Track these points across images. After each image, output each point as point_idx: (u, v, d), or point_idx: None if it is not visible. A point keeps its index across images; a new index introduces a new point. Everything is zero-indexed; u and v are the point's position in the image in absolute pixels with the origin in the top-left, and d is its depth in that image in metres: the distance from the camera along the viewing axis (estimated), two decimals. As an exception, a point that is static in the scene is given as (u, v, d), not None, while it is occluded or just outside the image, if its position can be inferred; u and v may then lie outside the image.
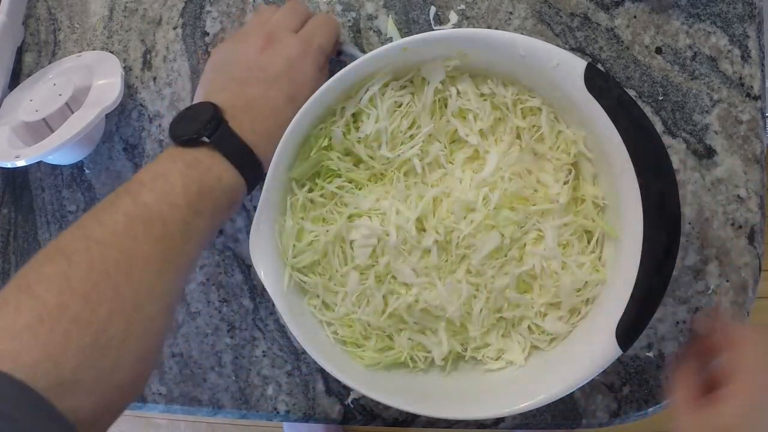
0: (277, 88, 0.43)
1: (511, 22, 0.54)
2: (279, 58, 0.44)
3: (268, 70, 0.44)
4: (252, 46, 0.45)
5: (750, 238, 0.51)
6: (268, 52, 0.44)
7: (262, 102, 0.43)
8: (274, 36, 0.45)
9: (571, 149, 0.46)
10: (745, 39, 0.52)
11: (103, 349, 0.33)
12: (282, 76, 0.44)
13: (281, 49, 0.44)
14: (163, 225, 0.37)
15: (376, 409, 0.53)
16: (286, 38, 0.45)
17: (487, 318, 0.46)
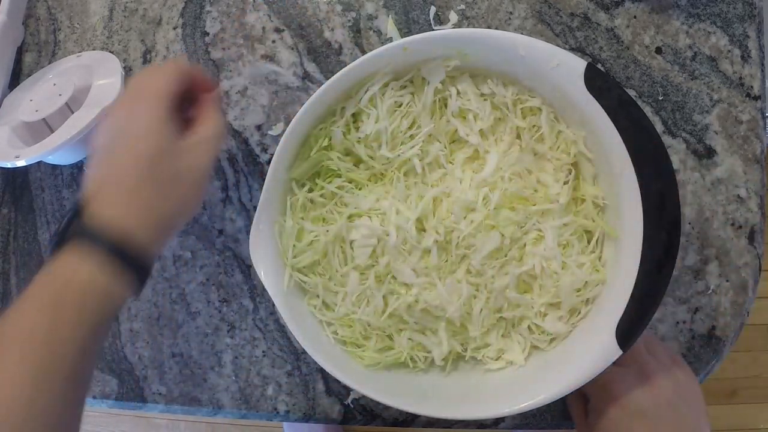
0: (117, 152, 0.39)
1: (511, 22, 0.54)
2: (112, 127, 0.40)
3: (108, 144, 0.40)
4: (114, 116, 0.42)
5: (750, 238, 0.51)
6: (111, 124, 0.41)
7: (108, 174, 0.39)
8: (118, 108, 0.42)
9: (571, 149, 0.46)
10: (745, 39, 0.52)
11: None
12: (118, 144, 0.39)
13: (115, 115, 0.41)
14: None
15: (376, 409, 0.53)
16: (119, 104, 0.43)
17: (487, 318, 0.46)
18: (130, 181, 0.37)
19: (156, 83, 0.40)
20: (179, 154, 0.39)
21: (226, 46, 0.56)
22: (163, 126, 0.39)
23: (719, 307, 0.51)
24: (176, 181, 0.39)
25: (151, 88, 0.40)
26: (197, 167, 0.40)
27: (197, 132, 0.41)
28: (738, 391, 1.30)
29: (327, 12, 0.55)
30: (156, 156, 0.38)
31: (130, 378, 0.56)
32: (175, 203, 0.39)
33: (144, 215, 0.38)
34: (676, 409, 0.44)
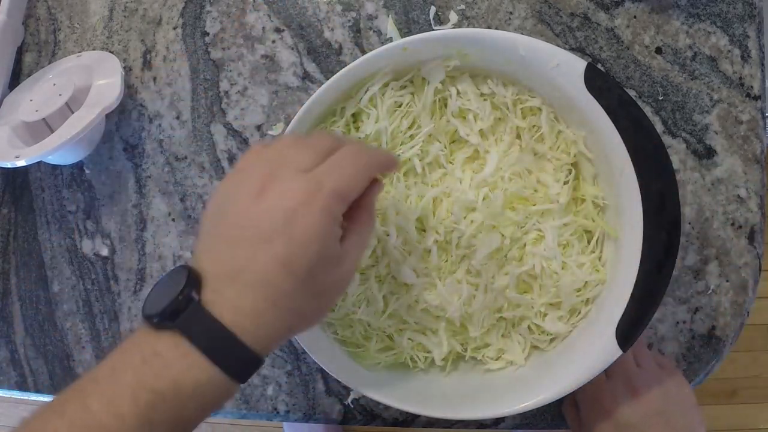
0: (268, 251, 0.32)
1: (511, 22, 0.54)
2: (275, 209, 0.32)
3: (260, 225, 0.32)
4: (245, 191, 0.34)
5: (750, 238, 0.51)
6: (264, 199, 0.33)
7: (248, 270, 0.32)
8: (272, 177, 0.33)
9: (571, 149, 0.46)
10: (745, 39, 0.52)
11: None
12: (277, 233, 0.32)
13: (280, 195, 0.33)
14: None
15: (376, 409, 0.53)
16: (287, 180, 0.33)
17: (487, 318, 0.46)
18: (280, 287, 0.32)
19: (340, 181, 0.33)
20: (336, 264, 0.34)
21: (226, 46, 0.56)
22: (334, 230, 0.33)
23: (719, 307, 0.51)
24: (324, 296, 0.34)
25: (337, 189, 0.33)
26: (345, 280, 0.35)
27: (352, 237, 0.35)
28: (738, 391, 1.30)
29: (327, 12, 0.55)
30: (317, 267, 0.32)
31: (130, 378, 0.56)
32: (313, 318, 0.35)
33: (278, 331, 0.32)
34: (667, 417, 0.44)
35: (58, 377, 0.56)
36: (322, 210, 0.32)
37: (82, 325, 0.56)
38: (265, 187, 0.33)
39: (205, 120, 0.56)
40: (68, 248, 0.57)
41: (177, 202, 0.56)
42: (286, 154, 0.35)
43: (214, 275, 0.32)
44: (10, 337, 0.57)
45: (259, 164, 0.35)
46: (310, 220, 0.32)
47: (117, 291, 0.56)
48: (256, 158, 0.36)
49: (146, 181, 0.56)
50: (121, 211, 0.56)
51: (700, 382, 0.52)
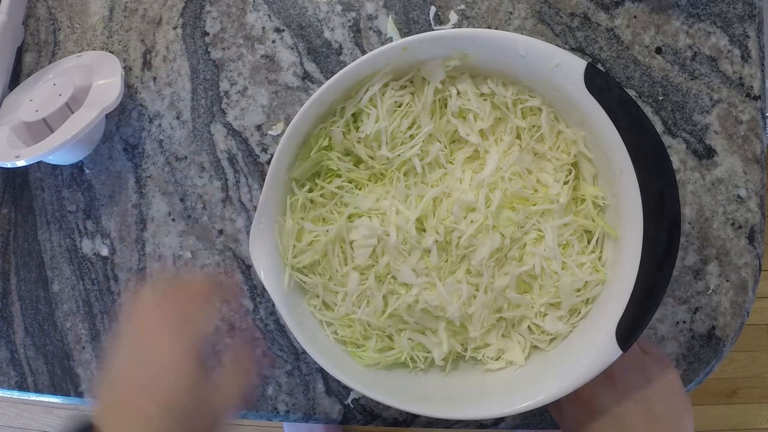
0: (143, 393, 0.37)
1: (511, 22, 0.54)
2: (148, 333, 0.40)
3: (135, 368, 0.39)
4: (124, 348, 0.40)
5: (750, 238, 0.51)
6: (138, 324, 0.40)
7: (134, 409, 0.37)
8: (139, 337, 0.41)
9: (571, 149, 0.46)
10: (745, 39, 0.52)
11: None
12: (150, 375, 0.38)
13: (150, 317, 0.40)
14: None
15: (376, 409, 0.53)
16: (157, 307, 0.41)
17: (487, 318, 0.46)
18: (148, 419, 0.35)
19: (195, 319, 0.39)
20: (206, 394, 0.38)
21: (226, 46, 0.56)
22: (194, 364, 0.37)
23: (719, 307, 0.51)
24: (197, 423, 0.37)
25: (190, 320, 0.39)
26: (220, 410, 0.39)
27: (227, 373, 0.40)
28: (738, 391, 1.30)
29: (327, 12, 0.55)
30: (179, 396, 0.36)
31: (130, 378, 0.56)
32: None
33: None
34: (646, 401, 0.43)
35: (58, 377, 0.56)
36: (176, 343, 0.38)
37: (82, 325, 0.56)
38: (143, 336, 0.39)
39: (205, 120, 0.56)
40: (68, 248, 0.57)
41: (177, 202, 0.56)
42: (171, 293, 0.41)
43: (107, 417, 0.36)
44: (10, 337, 0.57)
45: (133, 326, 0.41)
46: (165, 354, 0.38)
47: (117, 291, 0.56)
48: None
49: (146, 181, 0.56)
50: (121, 211, 0.56)
51: (700, 382, 0.52)
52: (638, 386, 0.43)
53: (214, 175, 0.55)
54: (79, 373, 0.56)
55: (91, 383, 0.56)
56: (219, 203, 0.55)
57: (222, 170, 0.55)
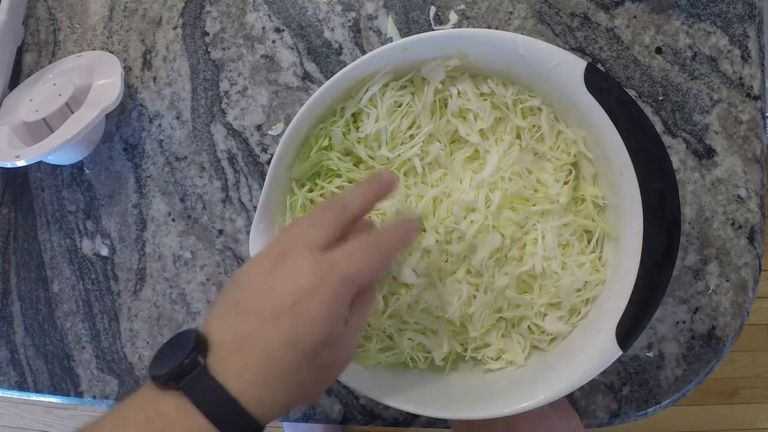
0: (275, 326, 0.33)
1: (511, 22, 0.54)
2: (286, 285, 0.34)
3: (271, 299, 0.34)
4: (261, 265, 0.35)
5: (750, 238, 0.51)
6: (276, 275, 0.34)
7: (255, 341, 0.33)
8: (286, 254, 0.35)
9: (571, 149, 0.46)
10: (745, 39, 0.52)
11: None
12: (285, 310, 0.33)
13: (291, 272, 0.34)
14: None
15: (376, 409, 0.53)
16: (300, 258, 0.34)
17: (487, 318, 0.46)
18: (285, 362, 0.33)
19: (352, 266, 0.34)
20: (340, 343, 0.35)
21: (226, 46, 0.56)
22: (341, 313, 0.34)
23: (719, 307, 0.51)
24: (326, 372, 0.35)
25: (348, 274, 0.34)
26: (347, 358, 0.36)
27: (354, 318, 0.36)
28: (738, 391, 1.30)
29: (327, 12, 0.55)
30: (321, 345, 0.33)
31: (130, 378, 0.56)
32: (314, 392, 0.36)
33: (279, 401, 0.33)
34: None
35: (58, 377, 0.56)
36: (331, 294, 0.33)
37: (82, 325, 0.56)
38: (279, 263, 0.34)
39: (205, 120, 0.56)
40: (68, 248, 0.57)
41: (177, 202, 0.56)
42: (303, 232, 0.36)
43: (220, 342, 0.33)
44: (10, 337, 0.57)
45: (279, 241, 0.36)
46: (318, 302, 0.33)
47: (117, 291, 0.56)
48: (280, 236, 0.37)
49: (146, 181, 0.56)
50: (121, 211, 0.56)
51: (700, 382, 0.52)
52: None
53: (214, 175, 0.55)
54: (79, 373, 0.56)
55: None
56: (219, 203, 0.55)
57: (222, 170, 0.55)
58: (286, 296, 0.33)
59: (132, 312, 0.56)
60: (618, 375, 0.52)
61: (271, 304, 0.33)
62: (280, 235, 0.38)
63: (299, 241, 0.35)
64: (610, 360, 0.41)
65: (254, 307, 0.34)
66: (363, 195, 0.38)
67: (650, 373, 0.52)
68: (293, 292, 0.33)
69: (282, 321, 0.33)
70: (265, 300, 0.34)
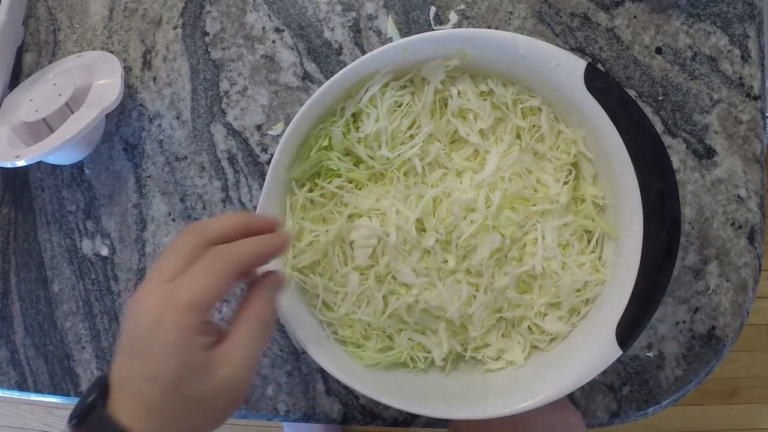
0: (136, 363, 0.34)
1: (511, 22, 0.54)
2: (141, 321, 0.34)
3: (132, 337, 0.34)
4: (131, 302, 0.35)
5: (750, 238, 0.51)
6: (136, 311, 0.34)
7: (127, 381, 0.34)
8: (142, 289, 0.35)
9: (571, 149, 0.46)
10: (745, 39, 0.52)
11: None
12: (142, 347, 0.33)
13: (143, 308, 0.34)
14: None
15: (376, 409, 0.53)
16: (149, 292, 0.34)
17: (487, 318, 0.46)
18: (151, 398, 0.33)
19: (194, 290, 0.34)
20: (206, 372, 0.34)
21: (226, 46, 0.56)
22: (192, 341, 0.33)
23: (719, 307, 0.51)
24: (205, 402, 0.34)
25: (191, 300, 0.33)
26: (227, 385, 0.34)
27: (234, 342, 0.35)
28: (738, 391, 1.30)
29: (327, 12, 0.55)
30: (180, 377, 0.33)
31: (130, 378, 0.56)
32: (202, 420, 0.35)
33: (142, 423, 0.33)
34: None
35: (58, 377, 0.56)
36: (174, 324, 0.33)
37: (82, 325, 0.56)
38: (137, 298, 0.35)
39: (205, 120, 0.56)
40: (68, 248, 0.57)
41: (177, 202, 0.56)
42: (158, 263, 0.35)
43: (112, 382, 0.34)
44: (10, 337, 0.57)
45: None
46: (164, 334, 0.33)
47: (117, 291, 0.56)
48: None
49: (146, 181, 0.56)
50: (121, 211, 0.56)
51: (700, 382, 0.52)
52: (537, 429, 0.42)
53: (214, 175, 0.55)
54: (79, 373, 0.56)
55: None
56: (219, 203, 0.55)
57: (222, 170, 0.55)
58: (142, 333, 0.33)
59: (132, 312, 0.56)
60: (618, 375, 0.52)
61: (131, 342, 0.34)
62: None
63: (152, 274, 0.35)
64: (610, 360, 0.41)
65: (123, 347, 0.35)
66: (229, 224, 0.37)
67: (650, 373, 0.52)
68: (146, 327, 0.33)
69: (139, 357, 0.33)
70: (128, 338, 0.34)
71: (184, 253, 0.35)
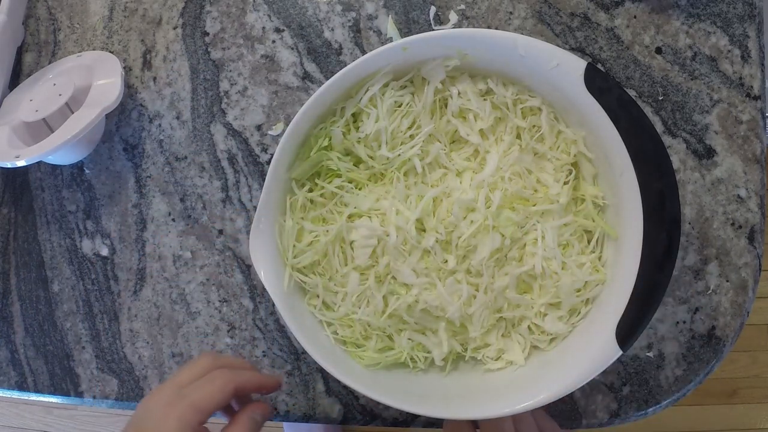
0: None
1: (511, 22, 0.54)
2: (151, 415, 0.40)
3: (141, 417, 0.41)
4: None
5: (750, 238, 0.51)
6: (148, 405, 0.41)
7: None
8: (158, 389, 0.42)
9: (571, 149, 0.46)
10: (745, 39, 0.52)
11: None
12: (145, 422, 0.40)
13: (157, 403, 0.41)
14: None
15: (376, 409, 0.53)
16: (163, 392, 0.41)
17: (487, 318, 0.46)
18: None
19: (200, 394, 0.40)
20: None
21: (226, 46, 0.56)
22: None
23: (719, 307, 0.51)
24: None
25: (195, 401, 0.40)
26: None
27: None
28: (738, 391, 1.30)
29: (327, 12, 0.55)
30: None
31: (130, 378, 0.56)
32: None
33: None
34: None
35: (58, 377, 0.56)
36: (177, 418, 0.39)
37: (82, 325, 0.56)
38: (152, 395, 0.41)
39: (205, 120, 0.56)
40: (68, 248, 0.57)
41: (177, 202, 0.56)
42: (177, 373, 0.43)
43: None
44: (10, 337, 0.57)
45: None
46: (169, 423, 0.39)
47: (117, 291, 0.56)
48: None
49: (146, 181, 0.56)
50: (121, 211, 0.56)
51: (700, 382, 0.52)
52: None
53: (214, 175, 0.55)
54: (79, 373, 0.56)
55: (90, 383, 0.56)
56: (219, 203, 0.55)
57: (222, 170, 0.55)
58: (150, 417, 0.40)
59: (132, 312, 0.56)
60: (618, 375, 0.52)
61: (137, 424, 0.40)
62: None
63: (171, 379, 0.43)
64: (610, 360, 0.41)
65: (131, 427, 0.41)
66: (240, 363, 0.46)
67: (650, 373, 0.52)
68: (155, 414, 0.40)
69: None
70: (137, 420, 0.41)
71: (200, 368, 0.43)
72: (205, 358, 0.44)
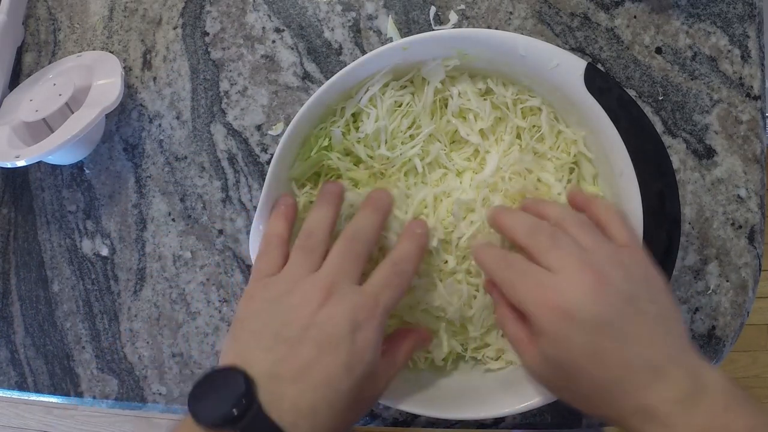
0: (334, 354, 0.35)
1: (511, 22, 0.54)
2: (340, 318, 0.36)
3: (326, 330, 0.36)
4: (307, 298, 0.37)
5: (750, 238, 0.51)
6: (329, 307, 0.36)
7: (313, 370, 0.35)
8: (334, 288, 0.37)
9: (571, 149, 0.46)
10: (745, 39, 0.52)
11: None
12: (342, 340, 0.35)
13: (344, 306, 0.36)
14: None
15: (376, 409, 0.53)
16: (350, 293, 0.37)
17: (487, 318, 0.46)
18: (339, 391, 0.35)
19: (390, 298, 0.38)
20: (378, 374, 0.38)
21: (226, 46, 0.56)
22: (381, 342, 0.37)
23: (719, 307, 0.51)
24: (361, 404, 0.37)
25: (388, 305, 0.38)
26: (380, 393, 0.39)
27: (393, 356, 0.41)
28: (738, 391, 1.30)
29: (327, 12, 0.55)
30: (369, 373, 0.36)
31: (130, 378, 0.56)
32: (348, 424, 0.37)
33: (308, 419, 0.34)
34: (637, 303, 0.35)
35: (58, 377, 0.56)
36: (378, 324, 0.37)
37: (82, 325, 0.56)
38: (327, 296, 0.37)
39: (205, 120, 0.56)
40: (68, 248, 0.57)
41: (177, 202, 0.56)
42: (338, 266, 0.39)
43: (272, 376, 0.34)
44: (10, 337, 0.57)
45: (310, 278, 0.38)
46: (370, 333, 0.36)
47: (117, 291, 0.56)
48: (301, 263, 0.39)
49: (146, 181, 0.56)
50: (121, 211, 0.56)
51: (700, 382, 0.52)
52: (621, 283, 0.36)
53: (214, 175, 0.55)
54: (79, 373, 0.56)
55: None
56: (219, 203, 0.55)
57: (222, 170, 0.55)
58: (342, 328, 0.36)
59: (132, 312, 0.56)
60: (618, 375, 0.52)
61: (326, 335, 0.35)
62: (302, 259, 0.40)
63: (342, 276, 0.38)
64: (610, 360, 0.41)
65: (309, 336, 0.35)
66: (374, 224, 0.41)
67: (650, 373, 0.52)
68: (348, 324, 0.36)
69: (340, 349, 0.35)
70: (320, 331, 0.36)
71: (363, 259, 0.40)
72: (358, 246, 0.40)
